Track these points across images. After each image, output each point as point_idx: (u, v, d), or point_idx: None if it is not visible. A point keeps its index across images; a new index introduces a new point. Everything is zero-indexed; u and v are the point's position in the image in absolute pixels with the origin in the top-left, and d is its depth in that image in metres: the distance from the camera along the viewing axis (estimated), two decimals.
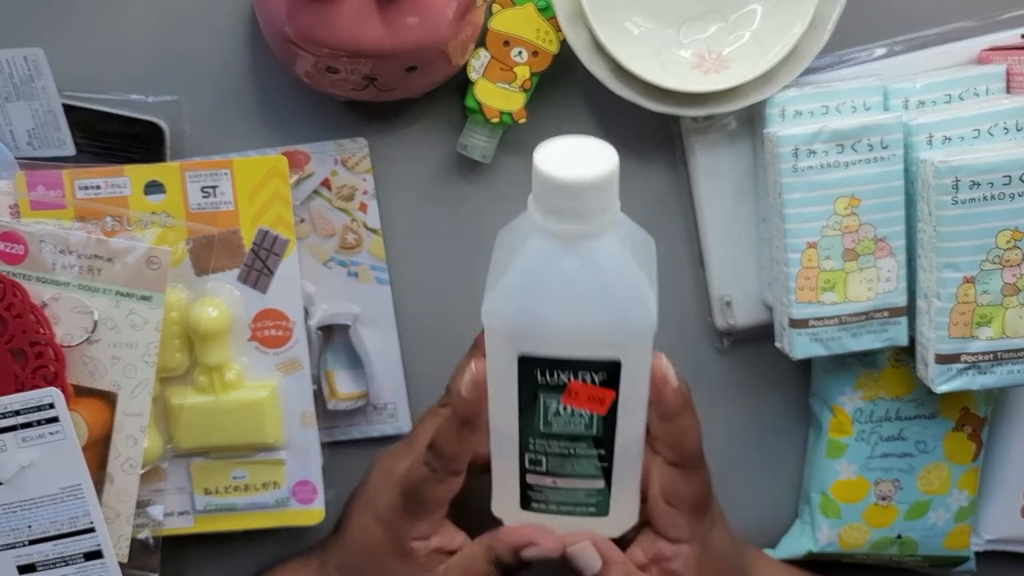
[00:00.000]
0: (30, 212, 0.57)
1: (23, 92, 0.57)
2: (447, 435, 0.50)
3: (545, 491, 0.49)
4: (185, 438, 0.59)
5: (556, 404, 0.46)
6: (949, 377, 0.56)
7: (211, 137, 0.60)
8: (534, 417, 0.47)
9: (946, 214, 0.53)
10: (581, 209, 0.41)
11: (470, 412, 0.49)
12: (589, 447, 0.47)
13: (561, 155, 0.41)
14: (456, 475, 0.51)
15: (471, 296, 0.63)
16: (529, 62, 0.58)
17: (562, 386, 0.45)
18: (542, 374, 0.45)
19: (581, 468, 0.48)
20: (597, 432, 0.47)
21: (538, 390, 0.46)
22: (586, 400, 0.46)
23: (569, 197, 0.40)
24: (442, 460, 0.50)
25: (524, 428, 0.47)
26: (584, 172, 0.40)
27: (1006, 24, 0.60)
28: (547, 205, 0.41)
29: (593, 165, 0.41)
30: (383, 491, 0.54)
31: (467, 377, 0.49)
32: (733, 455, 0.67)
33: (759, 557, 0.66)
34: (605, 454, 0.48)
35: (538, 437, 0.47)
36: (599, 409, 0.46)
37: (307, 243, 0.61)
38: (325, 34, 0.52)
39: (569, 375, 0.45)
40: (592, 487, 0.49)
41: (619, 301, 0.43)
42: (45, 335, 0.55)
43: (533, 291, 0.43)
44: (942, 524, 0.65)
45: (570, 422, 0.47)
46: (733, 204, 0.62)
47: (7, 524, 0.54)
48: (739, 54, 0.58)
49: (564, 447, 0.48)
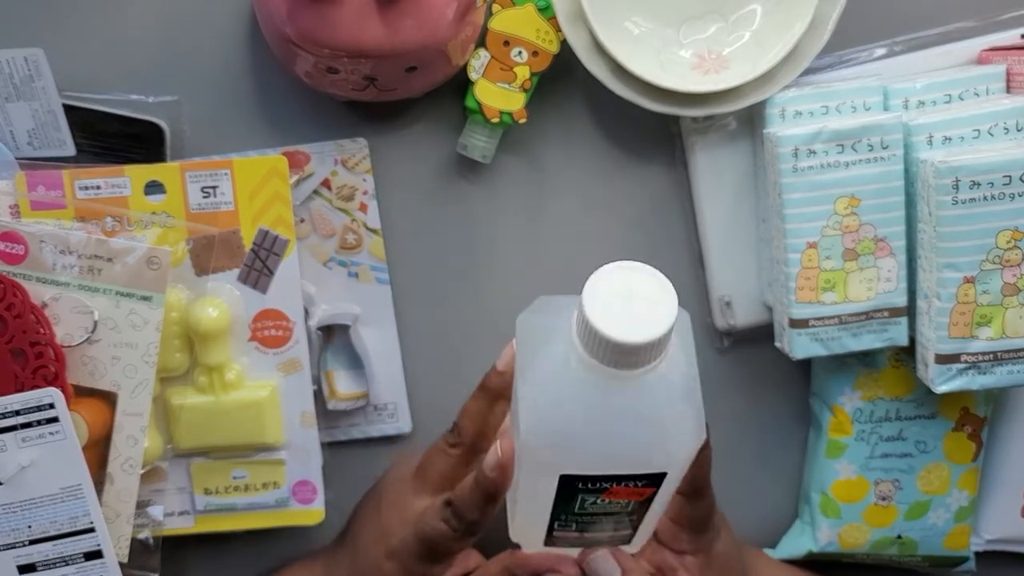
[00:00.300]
0: (30, 212, 0.57)
1: (23, 92, 0.57)
2: (469, 504, 0.49)
3: (571, 539, 0.49)
4: (185, 438, 0.59)
5: (595, 498, 0.44)
6: (949, 377, 0.56)
7: (211, 137, 0.60)
8: (569, 506, 0.45)
9: (946, 214, 0.53)
10: (637, 362, 0.38)
11: (494, 490, 0.48)
12: (623, 516, 0.47)
13: (614, 301, 0.37)
14: (475, 535, 0.51)
15: (471, 296, 0.64)
16: (529, 62, 0.58)
17: (603, 489, 0.43)
18: (583, 484, 0.43)
19: (611, 527, 0.48)
20: (632, 510, 0.46)
21: (578, 493, 0.44)
22: (626, 495, 0.44)
23: (625, 354, 0.37)
24: (462, 522, 0.50)
25: (557, 510, 0.46)
26: (643, 332, 0.37)
27: (1006, 24, 0.60)
28: (598, 355, 0.38)
29: (651, 317, 0.37)
30: (395, 528, 0.53)
31: (492, 460, 0.47)
32: (733, 455, 0.67)
33: (759, 557, 0.66)
34: (636, 519, 0.47)
35: (571, 515, 0.46)
36: (638, 498, 0.45)
37: (307, 243, 0.61)
38: (325, 34, 0.52)
39: (613, 483, 0.43)
40: (619, 536, 0.49)
41: (669, 432, 0.41)
42: (45, 335, 0.55)
43: (578, 425, 0.40)
44: (942, 524, 0.65)
45: (607, 507, 0.45)
46: (733, 204, 0.62)
47: (7, 524, 0.54)
48: (739, 54, 0.58)
49: (597, 519, 0.47)
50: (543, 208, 0.63)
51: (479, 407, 0.53)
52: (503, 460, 0.47)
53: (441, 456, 0.54)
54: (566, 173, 0.63)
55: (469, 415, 0.53)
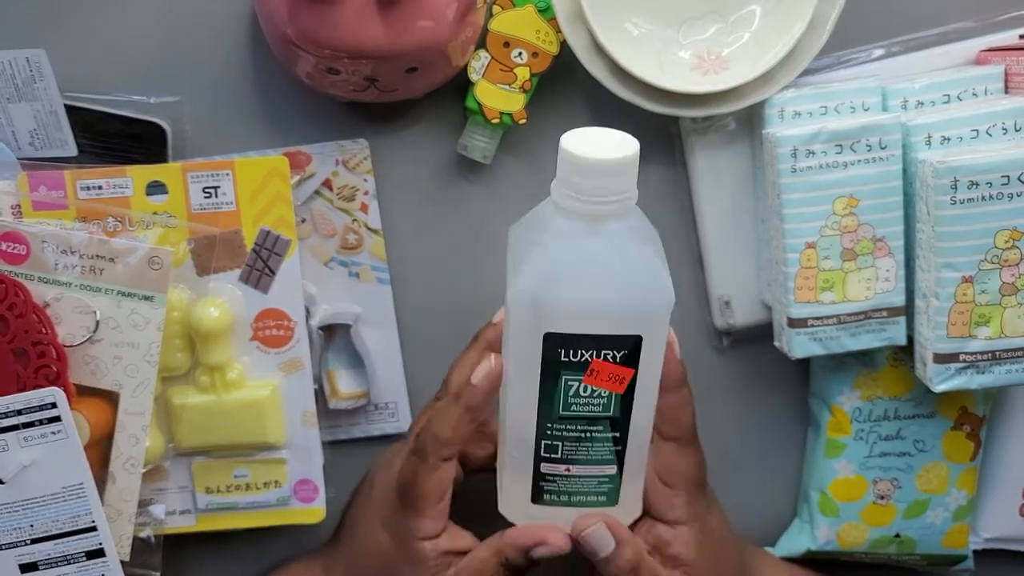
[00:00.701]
0: (32, 212, 0.57)
1: (25, 93, 0.57)
2: (444, 419, 0.50)
3: (558, 480, 0.50)
4: (187, 437, 0.59)
5: (577, 385, 0.47)
6: (947, 376, 0.56)
7: (213, 138, 0.60)
8: (554, 401, 0.48)
9: (945, 214, 0.53)
10: (606, 189, 0.43)
11: (476, 401, 0.49)
12: (605, 430, 0.48)
13: (586, 140, 0.44)
14: (446, 462, 0.51)
15: (471, 296, 0.64)
16: (529, 63, 0.58)
17: (584, 365, 0.46)
18: (566, 353, 0.46)
19: (596, 453, 0.49)
20: (614, 413, 0.48)
21: (561, 370, 0.47)
22: (607, 379, 0.47)
23: (596, 176, 0.43)
24: (434, 445, 0.50)
25: (542, 414, 0.48)
26: (609, 153, 0.43)
27: (1004, 25, 0.60)
28: (573, 186, 0.44)
29: (617, 148, 0.44)
30: (387, 497, 0.53)
31: (483, 368, 0.49)
32: (732, 454, 0.67)
33: (761, 555, 0.66)
34: (620, 436, 0.49)
35: (556, 422, 0.48)
36: (618, 388, 0.47)
37: (308, 243, 0.62)
38: (326, 35, 0.52)
39: (592, 353, 0.46)
40: (605, 473, 0.50)
41: (642, 279, 0.45)
42: (47, 335, 0.55)
43: (559, 271, 0.45)
44: (940, 523, 0.65)
45: (588, 403, 0.48)
46: (732, 204, 0.62)
47: (9, 523, 0.55)
48: (738, 55, 0.58)
49: (581, 431, 0.48)
50: None
51: (469, 358, 0.54)
52: (494, 370, 0.48)
53: (426, 412, 0.55)
54: None
55: (459, 367, 0.54)
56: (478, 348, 0.55)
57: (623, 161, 0.43)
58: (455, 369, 0.55)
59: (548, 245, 0.45)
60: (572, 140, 0.44)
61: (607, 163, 0.43)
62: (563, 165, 0.44)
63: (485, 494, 0.53)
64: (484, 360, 0.49)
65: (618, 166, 0.43)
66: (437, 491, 0.51)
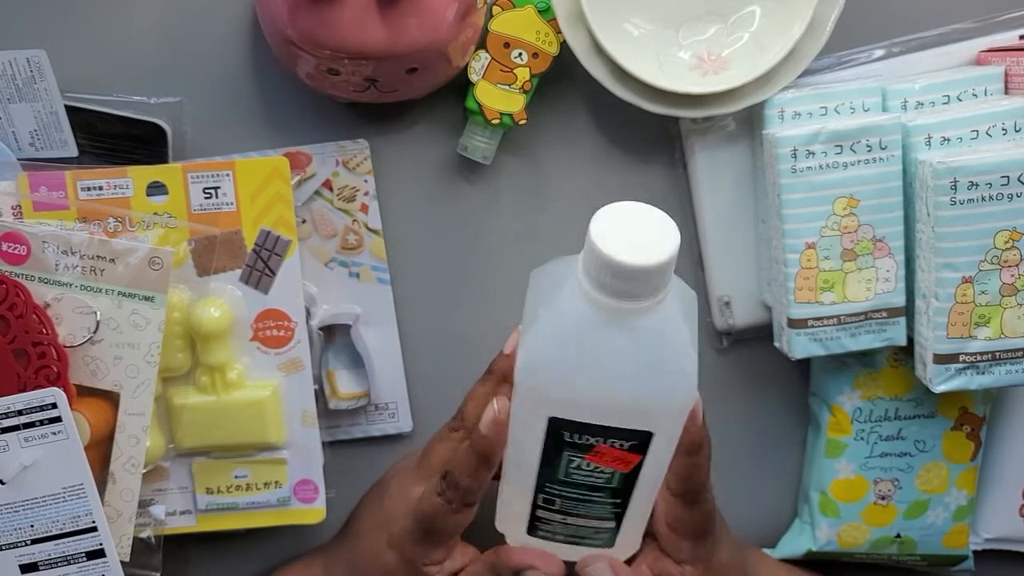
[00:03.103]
0: (33, 213, 0.57)
1: (26, 93, 0.57)
2: (463, 469, 0.49)
3: (554, 524, 0.49)
4: (187, 438, 0.59)
5: (580, 460, 0.45)
6: (947, 377, 0.56)
7: (213, 138, 0.60)
8: (555, 468, 0.46)
9: (944, 214, 0.53)
10: (638, 291, 0.39)
11: (488, 450, 0.48)
12: (607, 496, 0.47)
13: (620, 231, 0.39)
14: (470, 507, 0.51)
15: (472, 296, 0.64)
16: (529, 64, 0.58)
17: (589, 447, 0.44)
18: (570, 436, 0.44)
19: (595, 512, 0.48)
20: (617, 485, 0.46)
21: (564, 448, 0.45)
22: (611, 460, 0.44)
23: (627, 280, 0.38)
24: (457, 492, 0.50)
25: (543, 474, 0.47)
26: (646, 256, 0.38)
27: (1004, 25, 0.60)
28: (601, 282, 0.39)
29: (654, 246, 0.38)
30: (398, 517, 0.53)
31: (488, 416, 0.48)
32: (733, 455, 0.67)
33: (759, 558, 0.66)
34: (621, 503, 0.48)
35: (556, 484, 0.47)
36: (623, 468, 0.45)
37: (308, 244, 0.62)
38: (326, 35, 0.52)
39: (599, 440, 0.44)
40: (602, 527, 0.49)
41: (662, 380, 0.41)
42: (48, 335, 0.55)
43: (574, 360, 0.41)
44: (941, 523, 0.65)
45: (591, 475, 0.46)
46: (732, 205, 0.62)
47: (9, 523, 0.55)
48: (738, 55, 0.58)
49: (581, 494, 0.47)
50: (543, 209, 0.63)
51: (484, 391, 0.53)
52: (499, 416, 0.47)
53: (443, 442, 0.55)
54: (566, 174, 0.63)
55: (473, 399, 0.54)
56: (492, 381, 0.54)
57: (662, 265, 0.38)
58: (469, 402, 0.54)
59: (566, 326, 0.41)
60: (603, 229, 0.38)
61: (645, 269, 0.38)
62: (592, 257, 0.39)
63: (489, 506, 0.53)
64: (488, 406, 0.48)
65: (655, 270, 0.38)
66: (455, 530, 0.52)
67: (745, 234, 0.62)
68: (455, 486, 0.50)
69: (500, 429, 0.47)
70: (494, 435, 0.48)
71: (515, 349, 0.51)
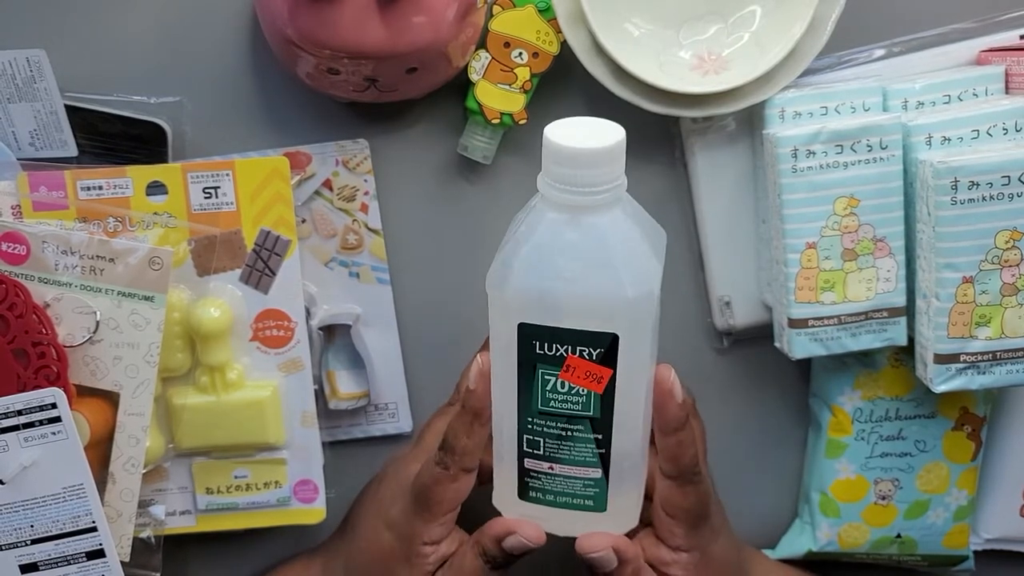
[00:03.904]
0: (32, 213, 0.57)
1: (25, 93, 0.57)
2: (457, 429, 0.50)
3: (542, 478, 0.50)
4: (187, 438, 0.59)
5: (554, 380, 0.47)
6: (948, 377, 0.56)
7: (213, 138, 0.60)
8: (532, 394, 0.47)
9: (945, 214, 0.53)
10: (584, 179, 0.42)
11: (478, 404, 0.49)
12: (586, 430, 0.48)
13: (570, 129, 0.43)
14: (468, 473, 0.51)
15: (472, 296, 0.64)
16: (529, 63, 0.58)
17: (560, 360, 0.46)
18: (541, 346, 0.46)
19: (578, 453, 0.49)
20: (594, 413, 0.47)
21: (537, 362, 0.46)
22: (583, 376, 0.46)
23: (573, 165, 0.42)
24: (454, 456, 0.50)
25: (522, 407, 0.48)
26: (589, 143, 0.42)
27: (1005, 25, 0.60)
28: (553, 175, 0.43)
29: (599, 137, 0.43)
30: (396, 498, 0.54)
31: (474, 370, 0.49)
32: (733, 455, 0.67)
33: (759, 558, 0.66)
34: (602, 439, 0.48)
35: (536, 416, 0.48)
36: (596, 387, 0.46)
37: (308, 244, 0.62)
38: (326, 35, 0.52)
39: (568, 349, 0.46)
40: (589, 476, 0.49)
41: (618, 274, 0.44)
42: (47, 335, 0.55)
43: (535, 261, 0.44)
44: (941, 523, 0.65)
45: (568, 400, 0.47)
46: (732, 205, 0.62)
47: (9, 523, 0.55)
48: (739, 55, 0.58)
49: (561, 428, 0.48)
50: None
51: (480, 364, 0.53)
52: (483, 368, 0.49)
53: (439, 418, 0.56)
54: None
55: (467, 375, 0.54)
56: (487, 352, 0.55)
57: (607, 150, 0.42)
58: (463, 379, 0.55)
59: (526, 233, 0.45)
60: (556, 129, 0.43)
61: (589, 152, 0.42)
62: (545, 153, 0.43)
63: (485, 493, 0.53)
64: (474, 362, 0.49)
65: (601, 155, 0.42)
66: (453, 500, 0.52)
67: (745, 234, 0.62)
68: (451, 450, 0.50)
69: (485, 379, 0.49)
70: (482, 388, 0.49)
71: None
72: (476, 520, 0.53)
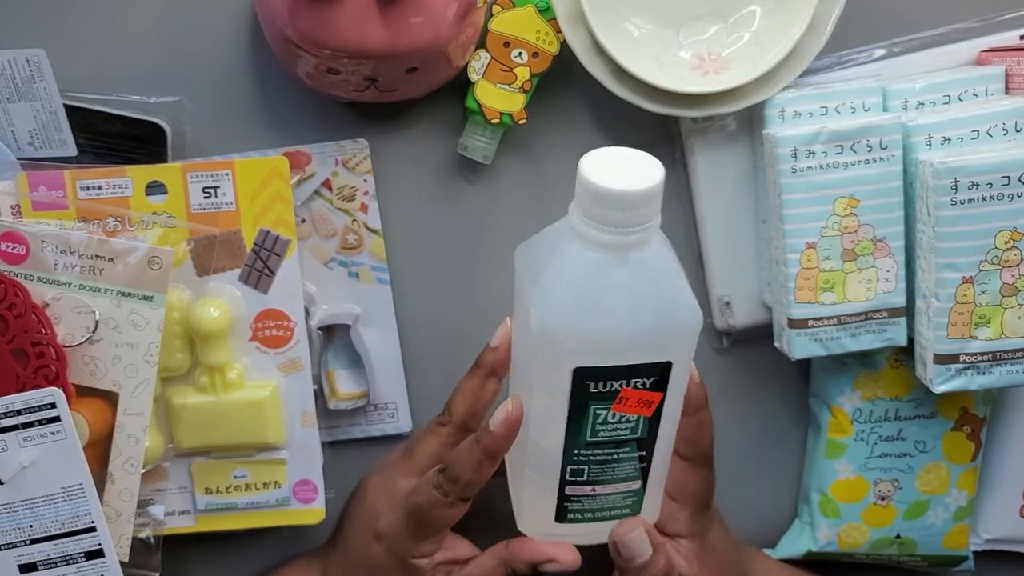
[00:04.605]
0: (32, 212, 0.57)
1: (25, 93, 0.57)
2: (466, 464, 0.49)
3: (583, 500, 0.49)
4: (186, 438, 0.59)
5: (605, 413, 0.46)
6: (948, 377, 0.56)
7: (212, 138, 0.60)
8: (581, 429, 0.46)
9: (945, 214, 0.53)
10: (632, 220, 0.41)
11: (495, 448, 0.49)
12: (632, 450, 0.48)
13: (608, 166, 0.41)
14: (466, 502, 0.51)
15: (471, 296, 0.64)
16: (529, 63, 0.58)
17: (613, 395, 0.45)
18: (595, 385, 0.45)
19: (622, 472, 0.48)
20: (641, 434, 0.47)
21: (589, 401, 0.45)
22: (635, 404, 0.45)
23: (621, 208, 0.41)
24: (456, 487, 0.50)
25: (569, 440, 0.47)
26: (636, 183, 0.41)
27: (1005, 25, 0.60)
28: (596, 216, 0.41)
29: (642, 176, 0.41)
30: (382, 509, 0.54)
31: (500, 415, 0.48)
32: (733, 455, 0.67)
33: (758, 557, 0.66)
34: (646, 455, 0.48)
35: (583, 448, 0.47)
36: (647, 412, 0.46)
37: (308, 243, 0.62)
38: (326, 35, 0.52)
39: (622, 383, 0.45)
40: (630, 489, 0.49)
41: (671, 306, 0.43)
42: (46, 335, 0.55)
43: (586, 304, 0.43)
44: (941, 524, 0.65)
45: (616, 428, 0.46)
46: (732, 205, 0.62)
47: (8, 523, 0.55)
48: (739, 55, 0.58)
49: (608, 454, 0.47)
50: (543, 208, 0.63)
51: (471, 385, 0.54)
52: (511, 416, 0.48)
53: (429, 436, 0.55)
54: (566, 174, 0.62)
55: (461, 393, 0.54)
56: (480, 374, 0.54)
57: (653, 190, 0.41)
58: (457, 395, 0.54)
59: (573, 276, 0.43)
60: (593, 167, 0.41)
61: (636, 194, 0.41)
62: (586, 195, 0.41)
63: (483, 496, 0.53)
64: (502, 406, 0.48)
65: (649, 195, 0.41)
66: (447, 524, 0.52)
67: (745, 234, 0.62)
68: (455, 480, 0.50)
69: (510, 429, 0.48)
70: (503, 434, 0.48)
71: (502, 342, 0.52)
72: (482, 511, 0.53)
